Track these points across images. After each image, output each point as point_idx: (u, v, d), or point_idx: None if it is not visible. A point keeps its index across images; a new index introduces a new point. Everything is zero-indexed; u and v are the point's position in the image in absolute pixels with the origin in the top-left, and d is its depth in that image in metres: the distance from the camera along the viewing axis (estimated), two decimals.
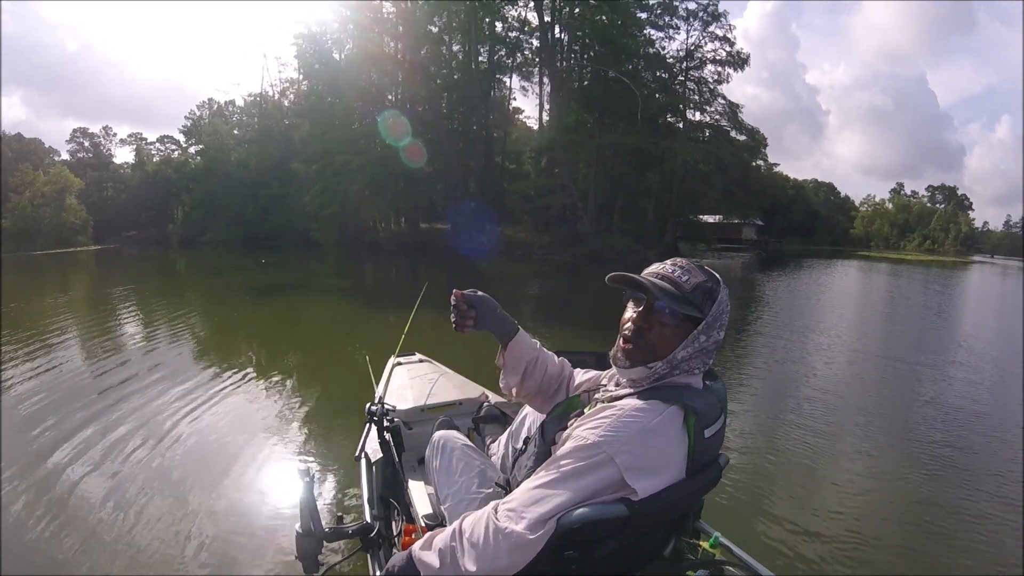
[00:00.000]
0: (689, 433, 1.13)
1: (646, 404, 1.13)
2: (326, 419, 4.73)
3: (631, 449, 1.07)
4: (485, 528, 1.09)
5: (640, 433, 1.08)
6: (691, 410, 1.13)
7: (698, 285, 1.21)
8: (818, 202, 66.66)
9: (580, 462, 1.08)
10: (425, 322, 3.76)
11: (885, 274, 27.28)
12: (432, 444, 1.87)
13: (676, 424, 1.13)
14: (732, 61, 29.70)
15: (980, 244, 71.30)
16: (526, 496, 1.09)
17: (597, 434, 1.08)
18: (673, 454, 1.12)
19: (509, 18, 32.38)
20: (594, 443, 1.08)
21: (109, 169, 52.51)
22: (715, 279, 1.23)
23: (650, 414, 1.11)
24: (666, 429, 1.11)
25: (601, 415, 1.13)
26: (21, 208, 38.82)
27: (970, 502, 3.55)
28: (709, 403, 1.18)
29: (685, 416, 1.13)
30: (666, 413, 1.12)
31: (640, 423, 1.09)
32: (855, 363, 7.53)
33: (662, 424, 1.11)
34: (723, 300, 1.22)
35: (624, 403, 1.15)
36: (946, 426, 4.95)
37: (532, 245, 28.59)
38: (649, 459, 1.08)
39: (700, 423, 1.13)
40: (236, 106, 47.69)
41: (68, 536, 2.92)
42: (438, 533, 1.21)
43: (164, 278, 19.91)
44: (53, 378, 5.91)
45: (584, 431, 1.11)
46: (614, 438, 1.07)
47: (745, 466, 3.95)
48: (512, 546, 1.05)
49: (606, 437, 1.08)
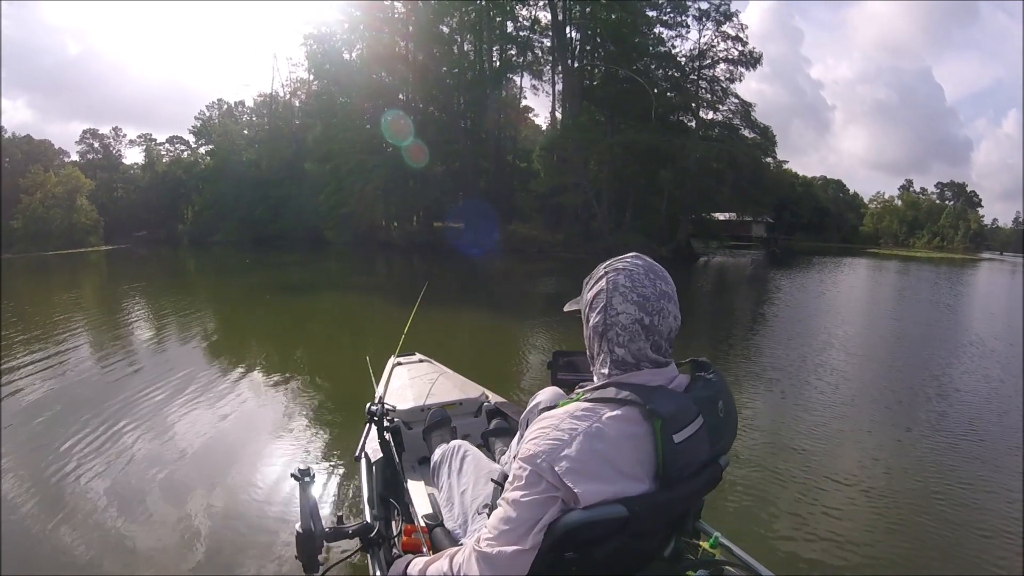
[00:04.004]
0: (656, 437, 1.04)
1: (588, 406, 1.08)
2: (326, 419, 4.74)
3: (569, 455, 1.01)
4: (470, 560, 1.08)
5: (579, 437, 1.02)
6: (654, 413, 1.03)
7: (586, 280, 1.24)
8: (827, 199, 66.37)
9: (526, 472, 1.04)
10: (426, 322, 3.76)
11: (895, 272, 27.28)
12: (443, 452, 1.90)
13: (629, 424, 1.05)
14: (744, 60, 29.62)
15: (989, 241, 70.88)
16: (496, 519, 1.08)
17: (537, 444, 1.05)
18: (624, 459, 1.04)
19: (520, 17, 32.42)
20: (534, 453, 1.04)
21: (119, 170, 52.54)
22: (597, 268, 1.21)
23: (587, 419, 1.05)
24: (611, 428, 1.04)
25: (541, 424, 1.09)
26: (32, 209, 38.95)
27: (972, 502, 3.54)
28: (679, 405, 1.07)
29: (647, 418, 1.04)
30: (616, 413, 1.06)
31: (577, 427, 1.04)
32: (860, 362, 7.50)
33: (607, 424, 1.04)
34: (595, 278, 1.20)
35: (566, 408, 1.10)
36: (951, 426, 4.92)
37: (545, 243, 28.62)
38: (589, 463, 1.01)
39: (667, 427, 1.03)
40: (246, 106, 47.89)
41: (68, 535, 2.92)
42: (432, 562, 1.22)
43: (173, 277, 20.07)
44: (57, 375, 6.01)
45: (527, 442, 1.08)
46: (552, 445, 1.03)
47: (745, 466, 3.95)
48: (499, 569, 1.04)
49: (545, 445, 1.03)
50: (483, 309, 11.98)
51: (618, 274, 1.16)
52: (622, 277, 1.15)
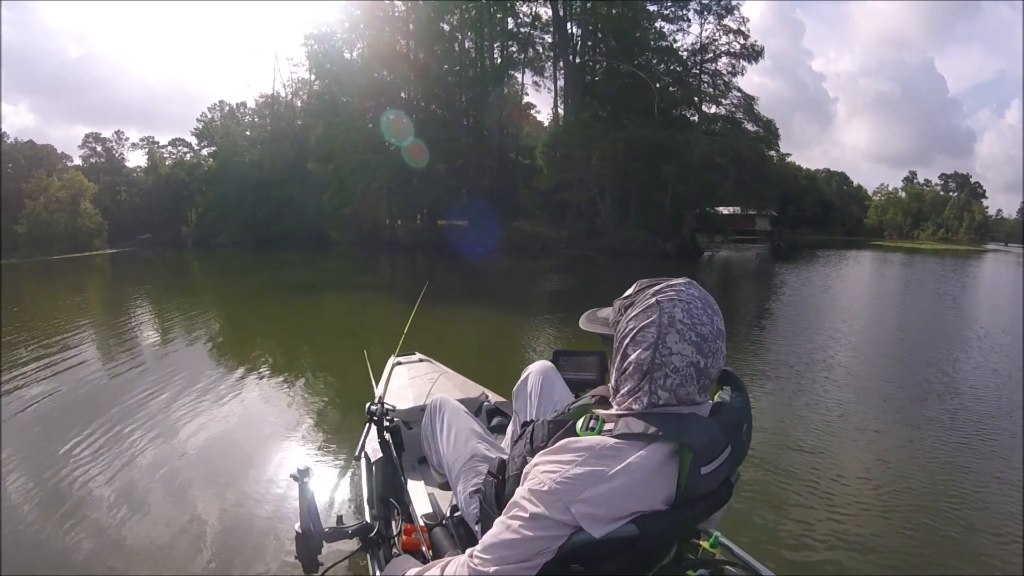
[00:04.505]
0: (681, 470, 0.99)
1: (614, 444, 1.00)
2: (326, 419, 4.72)
3: (588, 498, 0.95)
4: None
5: (603, 481, 0.95)
6: (688, 447, 0.97)
7: (623, 300, 1.10)
8: (831, 192, 66.21)
9: (536, 508, 0.97)
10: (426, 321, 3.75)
11: (900, 264, 27.20)
12: (431, 408, 1.90)
13: (658, 463, 0.98)
14: (746, 54, 29.52)
15: (994, 232, 70.59)
16: (492, 542, 1.01)
17: (554, 479, 0.97)
18: (647, 500, 0.99)
19: (521, 14, 32.39)
20: (550, 490, 0.96)
21: (122, 173, 52.77)
22: (640, 290, 1.07)
23: (613, 459, 0.97)
24: (639, 473, 0.97)
25: (560, 457, 1.00)
26: (36, 214, 39.15)
27: (974, 503, 3.49)
28: (713, 438, 0.99)
29: (677, 451, 0.98)
30: (645, 452, 0.98)
31: (603, 471, 0.96)
32: (867, 358, 7.41)
33: (634, 468, 0.96)
34: (641, 305, 1.04)
35: (589, 443, 1.01)
36: (956, 425, 4.85)
37: (549, 240, 28.64)
38: (610, 509, 0.96)
39: (697, 461, 0.97)
40: (248, 107, 47.97)
41: (67, 535, 2.92)
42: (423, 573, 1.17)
43: (178, 279, 20.12)
44: (60, 377, 6.00)
45: (543, 472, 0.99)
46: (571, 486, 0.96)
47: (747, 465, 3.87)
48: None
49: (563, 484, 0.96)
50: (485, 308, 11.96)
51: (674, 306, 1.01)
52: (679, 311, 1.01)
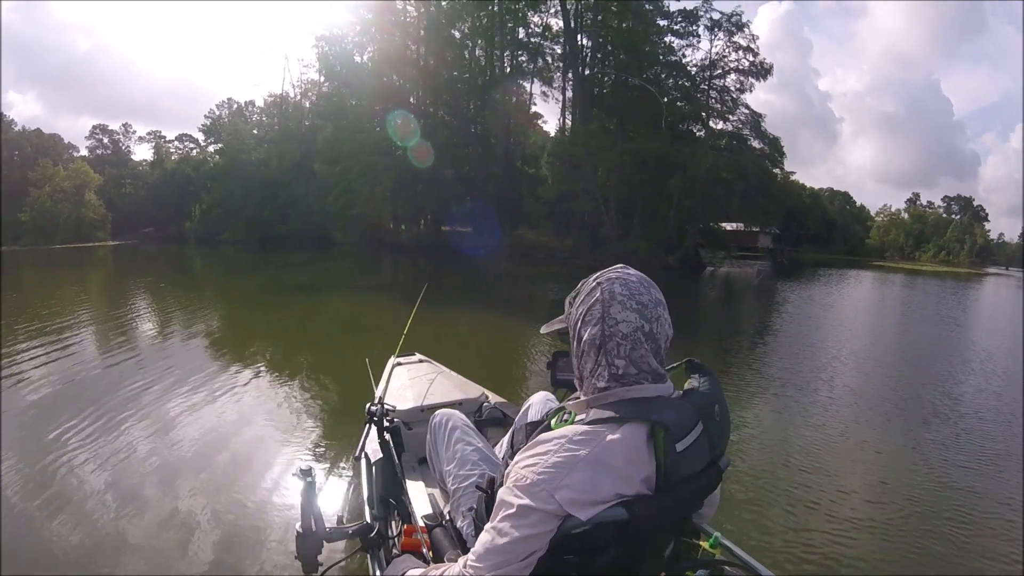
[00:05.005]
0: (657, 450, 1.03)
1: (586, 429, 1.05)
2: (326, 419, 4.72)
3: (571, 483, 0.99)
4: None
5: (580, 464, 1.00)
6: (659, 425, 1.03)
7: (570, 295, 1.24)
8: (834, 211, 66.32)
9: (521, 502, 1.01)
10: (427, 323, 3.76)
11: (901, 285, 27.25)
12: (436, 423, 1.92)
13: (632, 443, 1.03)
14: (755, 71, 29.66)
15: (995, 256, 70.68)
16: (483, 544, 1.05)
17: (534, 471, 1.02)
18: (628, 480, 1.03)
19: (532, 24, 32.56)
20: (532, 482, 1.01)
21: (128, 166, 52.96)
22: (584, 282, 1.20)
23: (588, 444, 1.02)
24: (614, 453, 1.02)
25: (537, 450, 1.05)
26: (41, 203, 39.30)
27: (973, 503, 3.56)
28: (682, 413, 1.07)
29: (651, 432, 1.04)
30: (617, 434, 1.03)
31: (580, 454, 1.01)
32: (866, 368, 7.54)
33: (609, 449, 1.01)
34: (584, 292, 1.18)
35: (563, 432, 1.06)
36: (954, 429, 4.96)
37: (553, 248, 28.65)
38: (593, 491, 1.00)
39: (670, 438, 1.03)
40: (256, 106, 48.16)
41: (67, 535, 2.91)
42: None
43: (180, 274, 20.11)
44: (58, 369, 6.01)
45: (523, 468, 1.04)
46: (552, 474, 1.00)
47: (747, 468, 3.96)
48: None
49: (544, 474, 1.01)
50: (485, 310, 11.99)
51: (612, 283, 1.13)
52: (617, 286, 1.13)
